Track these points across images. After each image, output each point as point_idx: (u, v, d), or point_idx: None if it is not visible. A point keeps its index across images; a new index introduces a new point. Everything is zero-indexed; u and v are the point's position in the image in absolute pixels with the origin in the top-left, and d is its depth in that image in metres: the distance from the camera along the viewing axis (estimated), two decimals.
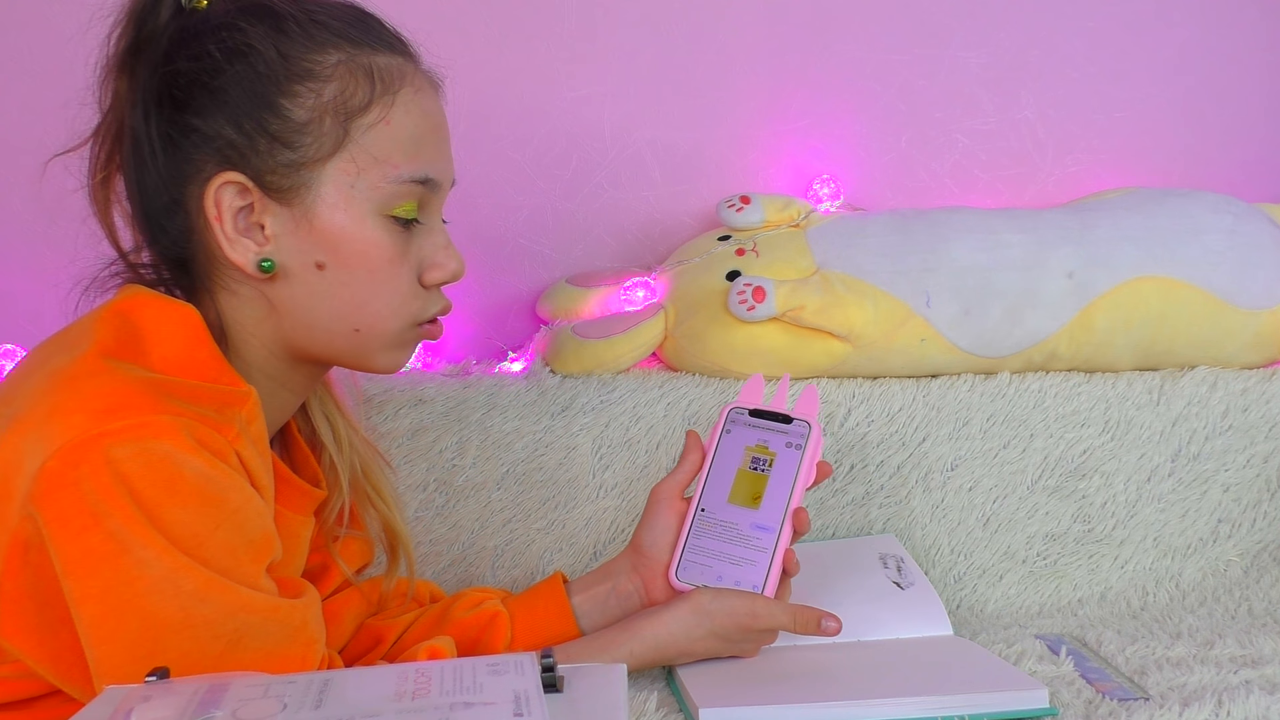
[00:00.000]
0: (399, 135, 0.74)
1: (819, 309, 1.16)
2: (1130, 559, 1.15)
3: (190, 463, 0.65)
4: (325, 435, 0.86)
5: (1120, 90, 1.39)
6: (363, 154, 0.72)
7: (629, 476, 1.14)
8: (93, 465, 0.63)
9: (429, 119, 0.76)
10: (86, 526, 0.63)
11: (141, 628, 0.64)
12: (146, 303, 0.72)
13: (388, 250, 0.74)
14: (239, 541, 0.67)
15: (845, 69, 1.35)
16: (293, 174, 0.72)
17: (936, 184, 1.39)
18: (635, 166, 1.34)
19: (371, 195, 0.73)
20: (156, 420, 0.64)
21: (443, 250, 0.78)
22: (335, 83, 0.72)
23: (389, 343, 0.77)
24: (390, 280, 0.75)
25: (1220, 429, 1.19)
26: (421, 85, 0.76)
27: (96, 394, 0.65)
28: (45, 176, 1.22)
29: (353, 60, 0.73)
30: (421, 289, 0.77)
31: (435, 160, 0.76)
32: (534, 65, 1.30)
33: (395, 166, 0.73)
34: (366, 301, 0.75)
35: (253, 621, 0.67)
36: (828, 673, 0.84)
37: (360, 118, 0.72)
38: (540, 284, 1.34)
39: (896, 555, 1.05)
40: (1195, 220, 1.25)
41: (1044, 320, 1.20)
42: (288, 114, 0.71)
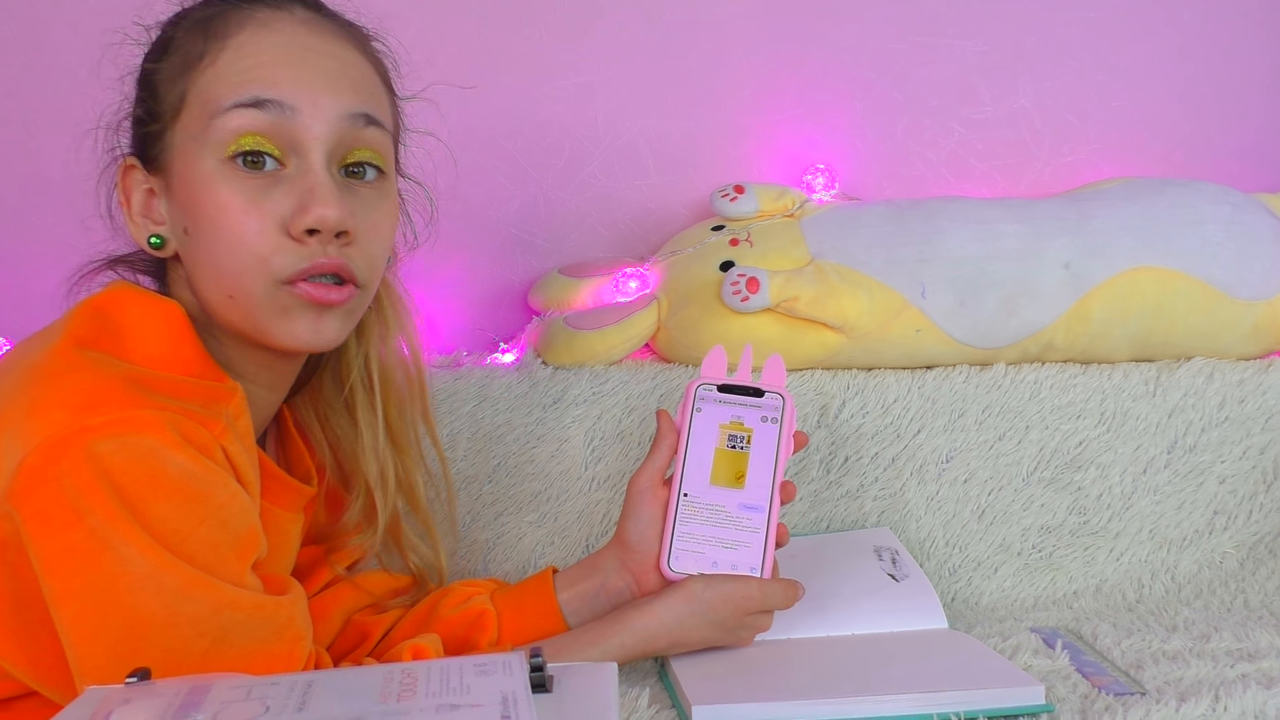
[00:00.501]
0: (228, 73, 0.69)
1: (813, 300, 1.15)
2: (1126, 551, 1.14)
3: (174, 458, 0.63)
4: (369, 468, 0.83)
5: (1117, 79, 1.38)
6: (196, 102, 0.70)
7: (621, 469, 1.13)
8: (74, 461, 0.61)
9: (275, 50, 0.70)
10: (68, 523, 0.62)
11: (125, 626, 0.63)
12: (129, 299, 0.71)
13: (227, 199, 0.68)
14: (223, 538, 0.66)
15: (840, 57, 1.34)
16: (157, 143, 0.72)
17: (932, 173, 1.38)
18: (628, 156, 1.32)
19: (205, 139, 0.68)
20: (139, 415, 0.63)
21: (308, 192, 0.68)
22: (181, 48, 0.72)
23: (265, 308, 0.69)
24: (233, 231, 0.68)
25: (1216, 420, 1.19)
26: (275, 25, 0.71)
27: (76, 388, 0.64)
28: (31, 168, 1.22)
29: (194, 20, 0.72)
30: (288, 241, 0.68)
31: (275, 82, 0.68)
32: (526, 53, 1.28)
33: (220, 99, 0.68)
34: (221, 260, 0.69)
35: (237, 619, 0.66)
36: (822, 669, 0.83)
37: (194, 69, 0.70)
38: (532, 274, 1.33)
39: (891, 548, 1.04)
40: (1193, 211, 1.24)
41: (1040, 311, 1.19)
42: (152, 87, 0.73)
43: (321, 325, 0.71)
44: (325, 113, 0.70)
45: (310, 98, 0.69)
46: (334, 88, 0.71)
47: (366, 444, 0.84)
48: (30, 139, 1.22)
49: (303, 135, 0.69)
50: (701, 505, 0.87)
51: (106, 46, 0.77)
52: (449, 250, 1.30)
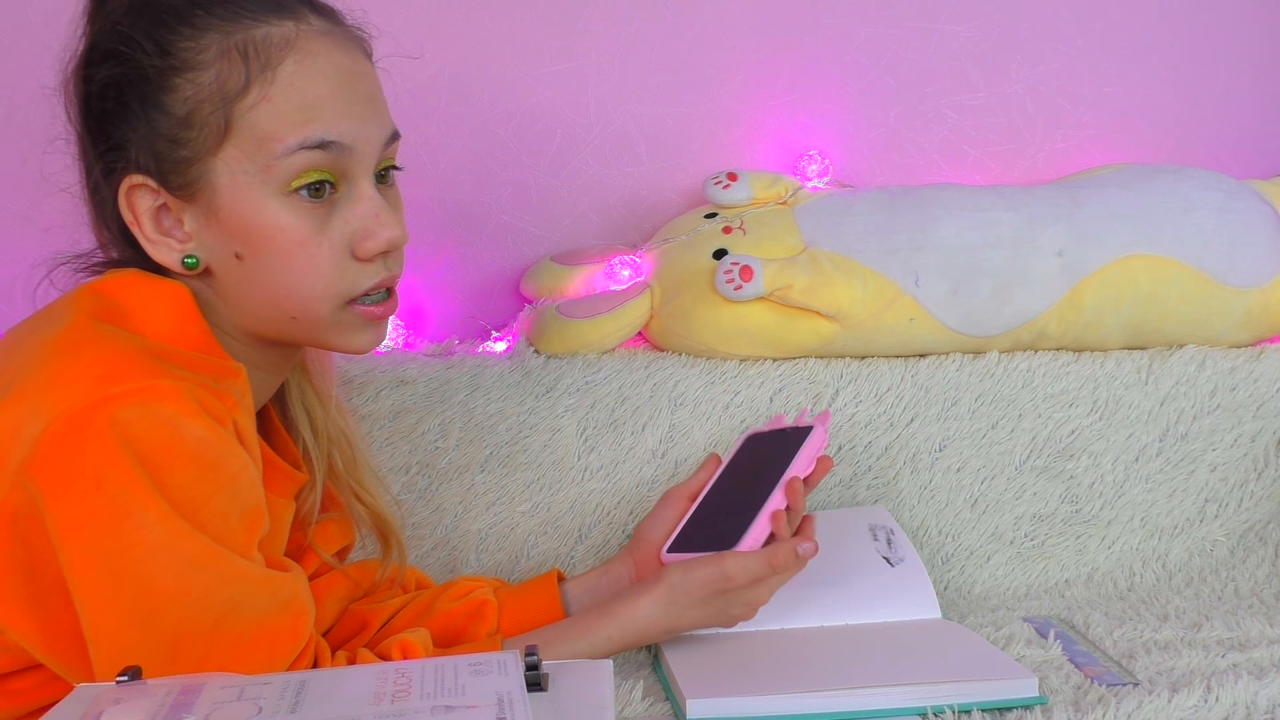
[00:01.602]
0: (283, 109, 0.69)
1: (807, 288, 1.14)
2: (1117, 539, 1.15)
3: (191, 427, 0.65)
4: (303, 426, 0.85)
5: (1110, 65, 1.38)
6: (248, 137, 0.69)
7: (615, 458, 1.12)
8: (97, 429, 0.62)
9: (325, 81, 0.70)
10: (89, 490, 0.63)
11: (138, 594, 0.64)
12: (133, 282, 0.72)
13: (297, 231, 0.70)
14: (233, 509, 0.67)
15: (833, 43, 1.33)
16: (187, 170, 0.70)
17: (925, 160, 1.37)
18: (620, 142, 1.31)
19: (266, 177, 0.69)
20: (159, 384, 0.64)
21: (372, 218, 0.72)
22: (211, 69, 0.69)
23: (329, 326, 0.73)
24: (307, 262, 0.71)
25: (1208, 408, 1.19)
26: (315, 49, 0.71)
27: (98, 359, 0.65)
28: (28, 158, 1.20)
29: (227, 40, 0.69)
30: (354, 263, 0.72)
31: (336, 121, 0.70)
32: (516, 39, 1.27)
33: (282, 140, 0.69)
34: (290, 287, 0.71)
35: (247, 591, 0.67)
36: (817, 661, 0.83)
37: (239, 101, 0.69)
38: (524, 262, 1.32)
39: (887, 527, 1.03)
40: (1185, 198, 1.23)
41: (1033, 299, 1.19)
42: (171, 110, 0.69)
43: (380, 333, 0.77)
44: (373, 144, 0.73)
45: (362, 133, 0.72)
46: (378, 116, 0.74)
47: (294, 394, 0.86)
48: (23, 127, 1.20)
49: (355, 166, 0.72)
50: (713, 505, 0.90)
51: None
52: (440, 238, 1.30)
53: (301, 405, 0.86)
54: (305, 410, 0.85)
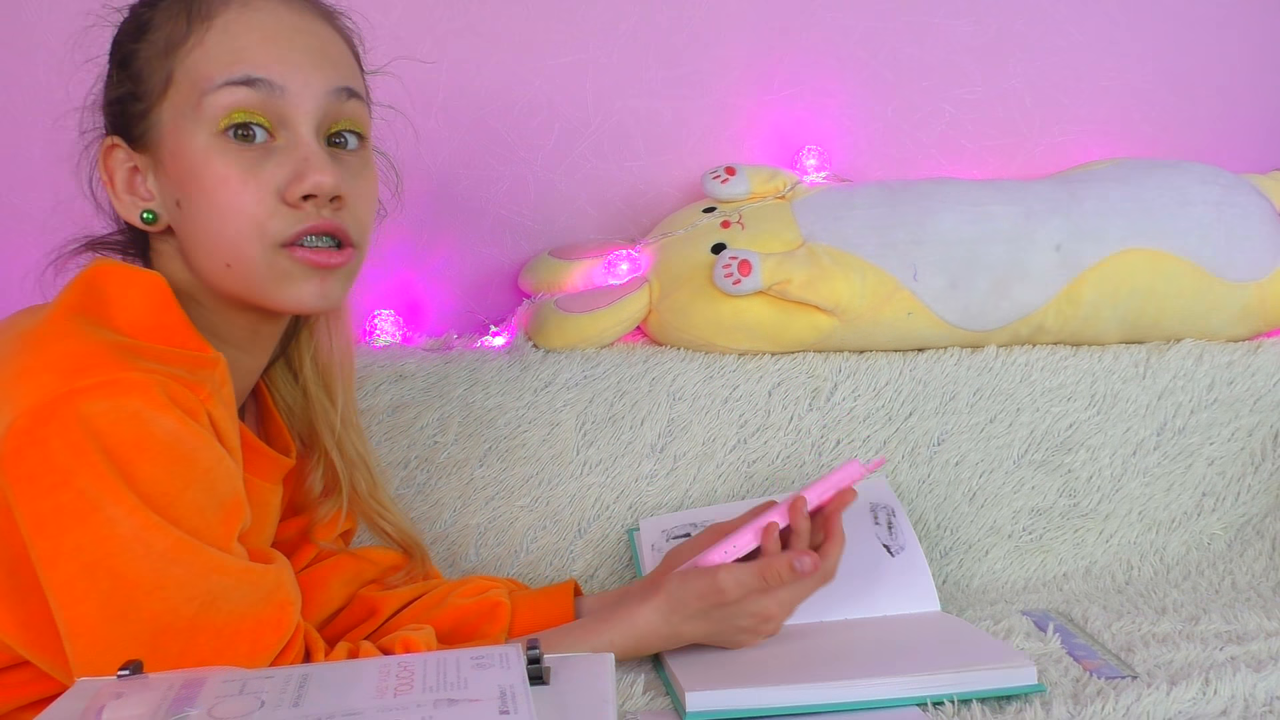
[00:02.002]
0: (215, 52, 0.71)
1: (805, 282, 1.14)
2: (1115, 533, 1.15)
3: (161, 421, 0.64)
4: (329, 445, 0.86)
5: (1108, 60, 1.38)
6: (185, 82, 0.71)
7: (613, 453, 1.12)
8: (63, 423, 0.62)
9: (260, 28, 0.72)
10: (56, 484, 0.62)
11: (113, 588, 0.63)
12: (113, 271, 0.72)
13: (223, 171, 0.70)
14: (208, 502, 0.67)
15: (831, 37, 1.33)
16: (143, 121, 0.73)
17: (923, 153, 1.37)
18: (618, 136, 1.31)
19: (196, 116, 0.71)
20: (127, 377, 0.64)
21: (302, 161, 0.71)
22: (163, 28, 0.73)
23: (266, 273, 0.72)
24: (232, 200, 0.70)
25: (1205, 402, 1.19)
26: (258, 5, 0.73)
27: (66, 354, 0.65)
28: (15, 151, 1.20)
29: (179, 4, 0.73)
30: (283, 206, 0.71)
31: (265, 63, 0.71)
32: (514, 33, 1.27)
33: (210, 79, 0.70)
34: (219, 229, 0.71)
35: (226, 583, 0.66)
36: (816, 653, 0.83)
37: (179, 49, 0.72)
38: (522, 256, 1.32)
39: (888, 507, 1.02)
40: (1183, 192, 1.24)
41: (1031, 293, 1.19)
42: (133, 68, 0.74)
43: (326, 288, 0.74)
44: (312, 89, 0.72)
45: (299, 76, 0.72)
46: (318, 65, 0.73)
47: (320, 417, 0.86)
48: (14, 120, 1.20)
49: (292, 111, 0.72)
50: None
51: (79, 30, 0.77)
52: (438, 232, 1.29)
53: (326, 423, 0.86)
54: (329, 427, 0.86)
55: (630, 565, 1.10)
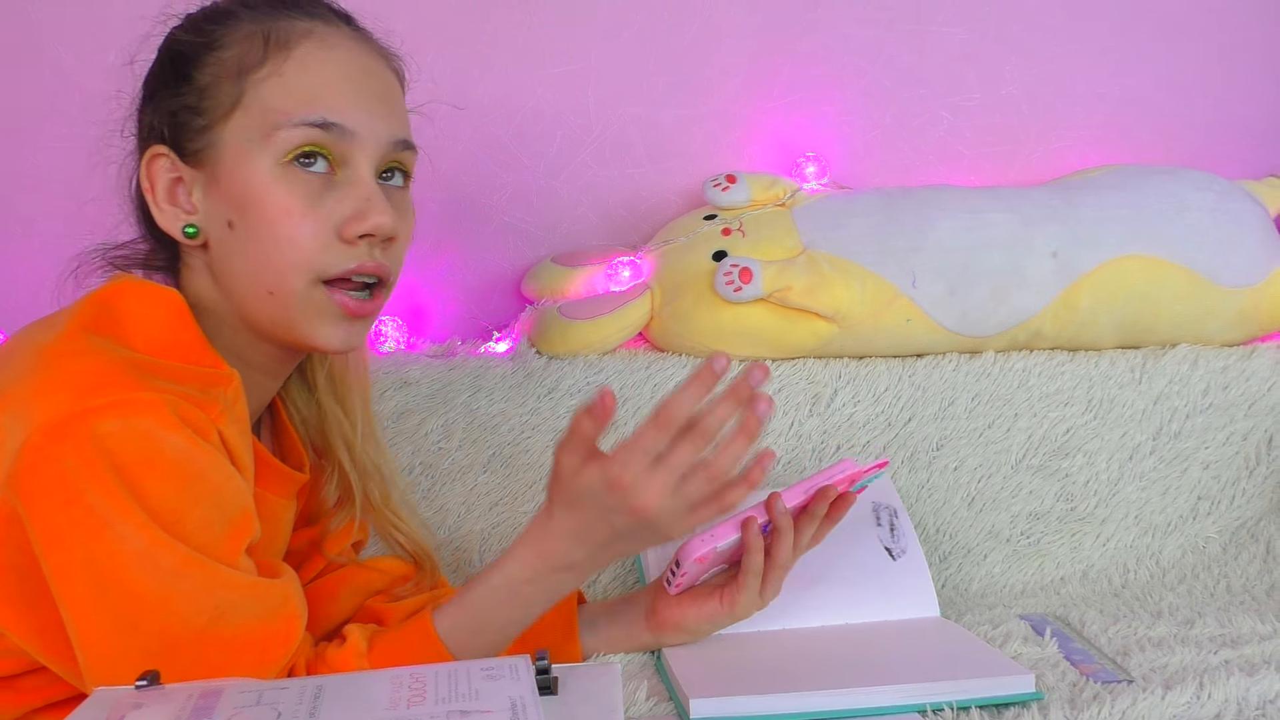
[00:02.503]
0: (293, 85, 0.72)
1: (805, 290, 1.15)
2: (1112, 537, 1.16)
3: (171, 439, 0.66)
4: (342, 456, 0.87)
5: (1104, 67, 1.39)
6: (256, 108, 0.72)
7: None
8: (76, 441, 0.63)
9: (337, 68, 0.74)
10: (68, 501, 0.64)
11: (123, 602, 0.65)
12: (130, 288, 0.73)
13: (287, 201, 0.72)
14: (217, 519, 0.68)
15: (830, 45, 1.34)
16: (201, 137, 0.74)
17: (921, 160, 1.38)
18: (620, 143, 1.32)
19: (265, 145, 0.72)
20: (140, 397, 0.65)
21: (364, 200, 0.73)
22: (235, 48, 0.74)
23: (303, 307, 0.73)
24: (291, 230, 0.72)
25: (1201, 407, 1.20)
26: (333, 42, 0.75)
27: (81, 372, 0.66)
28: (23, 157, 1.21)
29: (256, 26, 0.74)
30: (338, 242, 0.73)
31: (340, 107, 0.73)
32: (517, 42, 1.28)
33: (287, 114, 0.72)
34: (270, 255, 0.72)
35: (233, 598, 0.68)
36: (818, 660, 0.85)
37: (253, 74, 0.73)
38: (525, 262, 1.33)
39: (890, 507, 1.03)
40: (1178, 199, 1.25)
41: (1029, 299, 1.20)
42: (195, 82, 0.74)
43: (352, 333, 0.76)
44: (378, 138, 0.75)
45: (368, 124, 0.74)
46: (385, 115, 0.75)
47: (334, 428, 0.87)
48: (19, 127, 1.21)
49: (356, 152, 0.74)
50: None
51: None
52: (442, 239, 1.31)
53: (340, 435, 0.87)
54: (343, 439, 0.87)
55: (633, 570, 1.11)
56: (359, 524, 0.89)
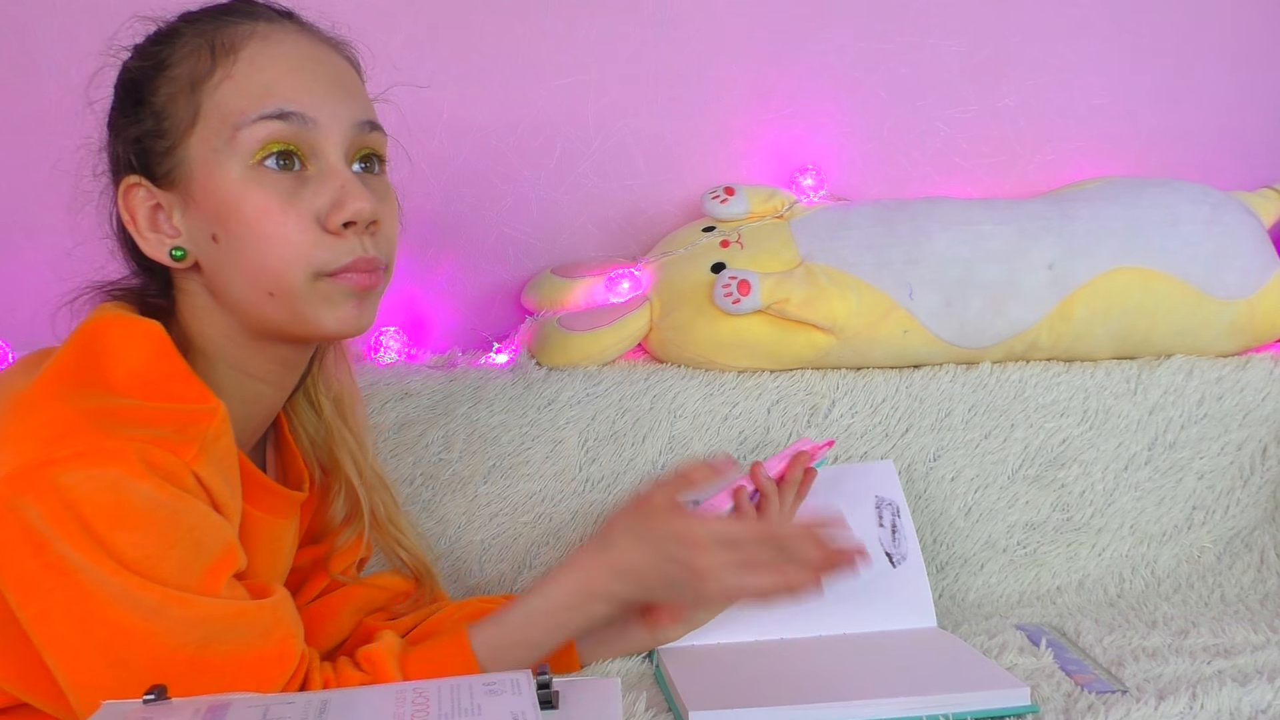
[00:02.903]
0: (245, 84, 0.72)
1: (803, 301, 1.16)
2: (1108, 547, 1.17)
3: (139, 488, 0.65)
4: (351, 473, 0.87)
5: (1099, 80, 1.40)
6: (215, 116, 0.72)
7: (615, 470, 1.15)
8: (39, 492, 0.63)
9: (285, 60, 0.74)
10: (36, 550, 0.64)
11: (109, 639, 0.65)
12: (113, 322, 0.73)
13: (264, 202, 0.71)
14: (195, 559, 0.68)
15: (827, 58, 1.35)
16: (168, 158, 0.74)
17: (918, 172, 1.39)
18: (619, 155, 1.33)
19: (231, 150, 0.72)
20: (105, 446, 0.65)
21: (339, 189, 0.73)
22: (184, 64, 0.74)
23: (308, 299, 0.73)
24: (276, 230, 0.71)
25: (1195, 417, 1.21)
26: (278, 37, 0.75)
27: (45, 422, 0.66)
28: (24, 169, 1.22)
29: (198, 37, 0.74)
30: (326, 235, 0.73)
31: (295, 95, 0.73)
32: (516, 54, 1.29)
33: (244, 113, 0.72)
34: (263, 258, 0.72)
35: (218, 627, 0.68)
36: (815, 672, 0.86)
37: (206, 83, 0.73)
38: (524, 273, 1.34)
39: (893, 503, 1.04)
40: (1173, 211, 1.26)
41: (1024, 311, 1.21)
42: (152, 105, 0.74)
43: (363, 311, 0.76)
44: (340, 121, 0.75)
45: (326, 109, 0.74)
46: (343, 98, 0.75)
47: (340, 445, 0.88)
48: (21, 141, 1.22)
49: (322, 141, 0.74)
50: None
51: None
52: (442, 250, 1.32)
53: (349, 455, 0.87)
54: (349, 454, 0.88)
55: None
56: (366, 540, 0.90)
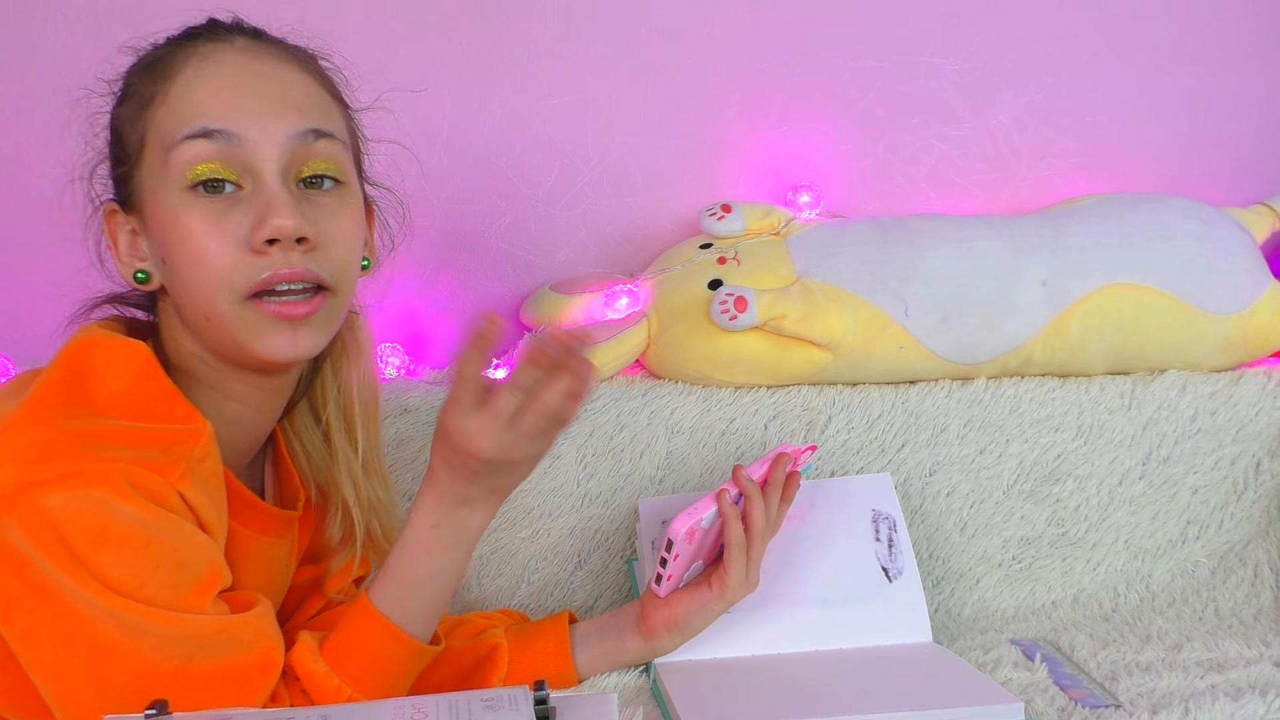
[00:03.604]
0: (178, 107, 0.73)
1: (800, 318, 1.17)
2: (1102, 561, 1.18)
3: (124, 509, 0.66)
4: (348, 495, 0.87)
5: (1092, 97, 1.41)
6: (154, 140, 0.73)
7: (613, 485, 1.15)
8: (22, 514, 0.64)
9: (216, 80, 0.73)
10: (19, 569, 0.64)
11: (93, 656, 0.66)
12: (98, 343, 0.74)
13: (191, 225, 0.71)
14: (181, 578, 0.68)
15: (823, 75, 1.36)
16: (127, 184, 0.76)
17: (913, 189, 1.41)
18: (617, 173, 1.34)
19: (165, 174, 0.72)
20: (89, 468, 0.65)
21: (264, 206, 0.71)
22: (134, 90, 0.76)
23: (236, 326, 0.72)
24: (200, 253, 0.71)
25: (1189, 432, 1.22)
26: (217, 57, 0.74)
27: (30, 443, 0.66)
28: (28, 185, 1.23)
29: (148, 62, 0.76)
30: (249, 254, 0.71)
31: (220, 113, 0.72)
32: (515, 72, 1.30)
33: (173, 133, 0.72)
34: (192, 282, 0.72)
35: (202, 642, 0.68)
36: (812, 687, 0.86)
37: (149, 108, 0.74)
38: (523, 290, 1.35)
39: (890, 517, 1.04)
40: (1166, 227, 1.27)
41: (1019, 327, 1.22)
42: (116, 133, 0.77)
43: (298, 338, 0.73)
44: (272, 135, 0.73)
45: (256, 123, 0.72)
46: (278, 111, 0.73)
47: (341, 465, 0.87)
48: (24, 155, 1.23)
49: (254, 158, 0.72)
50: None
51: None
52: (441, 266, 1.33)
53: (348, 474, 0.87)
54: (350, 478, 0.87)
55: (630, 595, 1.13)
56: (359, 559, 0.90)
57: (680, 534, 0.85)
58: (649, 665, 0.94)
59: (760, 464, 0.91)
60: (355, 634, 0.76)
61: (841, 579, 0.99)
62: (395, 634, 0.75)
